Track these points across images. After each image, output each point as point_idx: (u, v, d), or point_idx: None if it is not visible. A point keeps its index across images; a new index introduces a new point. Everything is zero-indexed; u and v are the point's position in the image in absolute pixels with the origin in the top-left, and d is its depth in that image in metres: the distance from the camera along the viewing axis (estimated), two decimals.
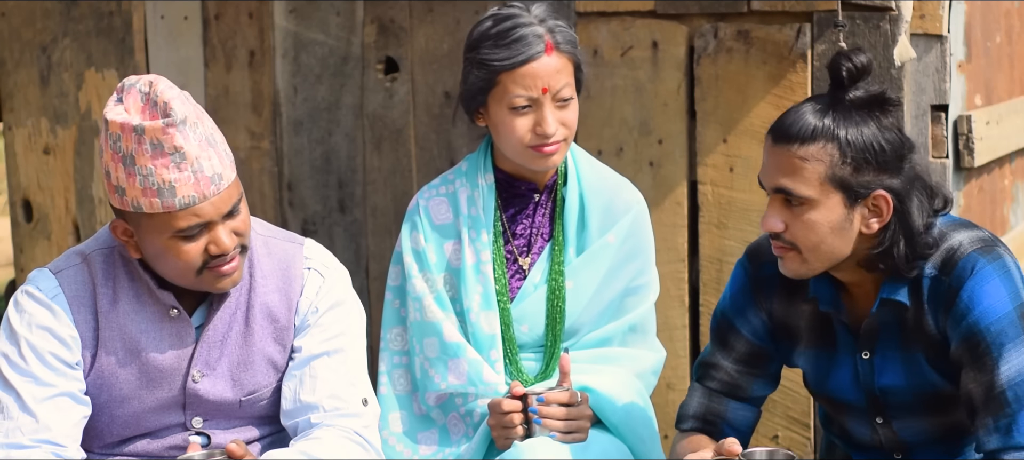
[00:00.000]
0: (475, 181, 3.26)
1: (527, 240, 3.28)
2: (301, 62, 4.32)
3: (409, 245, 3.26)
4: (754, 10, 3.71)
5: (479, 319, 3.21)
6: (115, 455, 2.89)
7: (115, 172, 2.69)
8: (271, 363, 2.90)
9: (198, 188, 2.69)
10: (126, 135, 2.66)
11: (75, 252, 2.86)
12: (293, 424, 2.88)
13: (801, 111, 2.69)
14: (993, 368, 2.66)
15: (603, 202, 3.26)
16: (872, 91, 2.70)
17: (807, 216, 2.69)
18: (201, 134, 2.70)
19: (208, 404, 2.87)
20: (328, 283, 2.93)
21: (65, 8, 4.64)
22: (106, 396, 2.84)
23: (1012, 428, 2.66)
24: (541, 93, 3.10)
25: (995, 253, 2.72)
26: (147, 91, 2.69)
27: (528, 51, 3.09)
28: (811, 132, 2.66)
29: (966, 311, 2.69)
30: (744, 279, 2.95)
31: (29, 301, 2.80)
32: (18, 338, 2.77)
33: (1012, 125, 4.19)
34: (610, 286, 3.26)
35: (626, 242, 3.26)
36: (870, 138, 2.67)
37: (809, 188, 2.67)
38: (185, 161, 2.67)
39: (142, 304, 2.83)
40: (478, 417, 3.20)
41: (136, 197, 2.68)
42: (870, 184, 2.68)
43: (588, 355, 3.27)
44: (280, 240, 2.95)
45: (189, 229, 2.71)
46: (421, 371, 3.25)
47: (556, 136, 3.13)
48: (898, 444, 2.91)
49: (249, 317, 2.87)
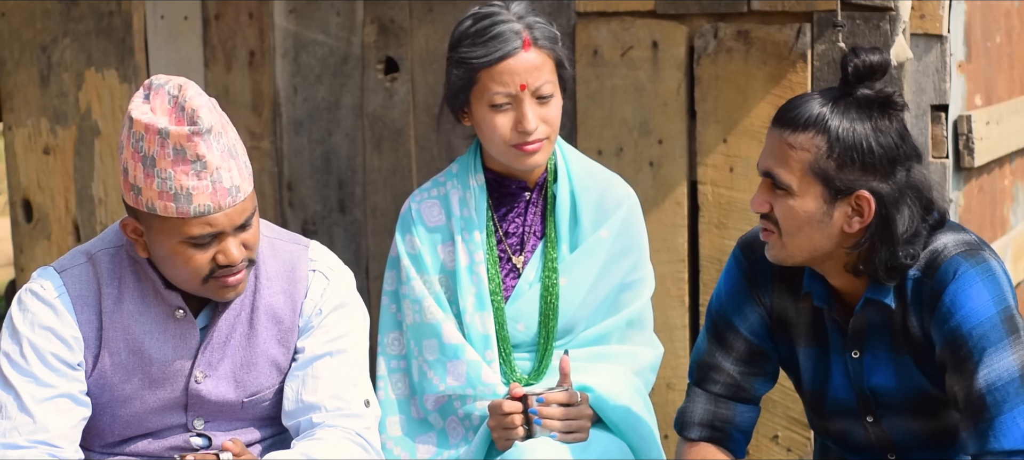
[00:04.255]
0: (466, 182, 3.27)
1: (520, 239, 3.29)
2: (301, 62, 4.32)
3: (405, 249, 3.27)
4: (754, 10, 3.71)
5: (474, 320, 3.22)
6: (116, 455, 2.88)
7: (133, 170, 2.68)
8: (274, 365, 2.89)
9: (215, 198, 2.68)
10: (150, 136, 2.65)
11: (81, 251, 2.86)
12: (295, 424, 2.88)
13: (806, 99, 2.72)
14: (974, 372, 2.66)
15: (594, 198, 3.27)
16: (880, 92, 2.69)
17: (788, 202, 2.71)
18: (224, 145, 2.69)
19: (210, 405, 2.87)
20: (333, 285, 2.92)
21: (65, 8, 4.64)
22: (108, 396, 2.84)
23: (989, 433, 2.65)
24: (519, 90, 3.11)
25: (979, 257, 2.71)
26: (176, 94, 2.68)
27: (505, 48, 3.10)
28: (804, 121, 2.68)
29: (948, 314, 2.68)
30: (739, 273, 2.94)
31: (33, 300, 2.80)
32: (20, 337, 2.77)
33: (1012, 125, 4.19)
34: (605, 281, 3.27)
35: (619, 237, 3.27)
36: (861, 137, 2.67)
37: (791, 175, 2.69)
38: (206, 170, 2.66)
39: (147, 304, 2.83)
40: (477, 420, 3.20)
41: (152, 198, 2.68)
42: (854, 182, 2.68)
43: (586, 353, 3.27)
44: (285, 242, 2.94)
45: (200, 237, 2.70)
46: (419, 373, 3.25)
47: (537, 133, 3.14)
48: (890, 444, 2.91)
49: (253, 318, 2.87)
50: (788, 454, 3.82)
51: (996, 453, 2.64)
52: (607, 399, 3.16)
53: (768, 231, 2.77)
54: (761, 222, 2.79)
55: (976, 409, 2.66)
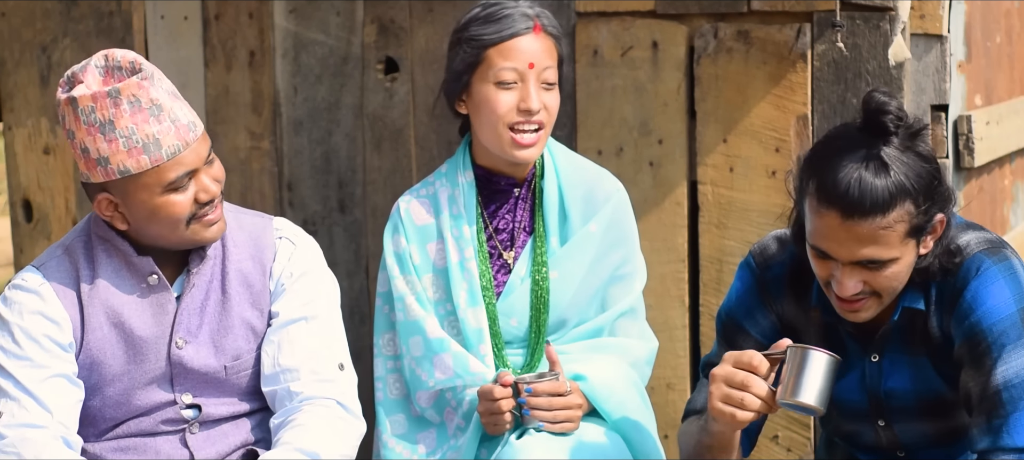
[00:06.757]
0: (455, 180, 3.30)
1: (510, 234, 3.30)
2: (301, 62, 4.32)
3: (391, 248, 3.30)
4: (754, 10, 3.71)
5: (467, 316, 3.23)
6: (110, 438, 2.91)
7: (94, 145, 2.74)
8: (250, 327, 2.95)
9: (180, 136, 2.77)
10: (100, 102, 2.72)
11: (57, 246, 2.94)
12: (273, 391, 2.93)
13: (862, 178, 2.59)
14: (991, 368, 2.66)
15: (582, 192, 3.29)
16: (910, 128, 2.64)
17: (889, 271, 2.65)
18: (167, 88, 2.79)
19: (194, 375, 2.92)
20: (299, 250, 3.00)
21: (65, 8, 4.64)
22: (96, 376, 2.89)
23: (1003, 430, 2.65)
24: (528, 68, 3.17)
25: (1002, 254, 2.71)
26: (102, 63, 2.77)
27: (516, 26, 3.19)
28: (888, 199, 2.58)
29: (969, 310, 2.68)
30: (751, 281, 2.93)
31: (17, 292, 2.87)
32: (11, 326, 2.83)
33: (1012, 125, 4.19)
34: (595, 274, 3.28)
35: (609, 230, 3.29)
36: (925, 175, 2.62)
37: (893, 250, 2.63)
38: (162, 112, 2.75)
39: (121, 278, 2.89)
40: (468, 406, 3.21)
41: (122, 161, 2.74)
42: (934, 214, 2.66)
43: (580, 345, 3.28)
44: (250, 216, 3.04)
45: (177, 180, 2.78)
46: (410, 372, 3.27)
47: (538, 116, 3.18)
48: (900, 445, 2.91)
49: (225, 284, 2.93)
50: (788, 454, 3.82)
51: (1009, 450, 2.64)
52: (600, 388, 3.17)
53: (860, 300, 2.69)
54: (846, 301, 2.71)
55: (991, 406, 2.65)
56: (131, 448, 2.91)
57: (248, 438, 2.96)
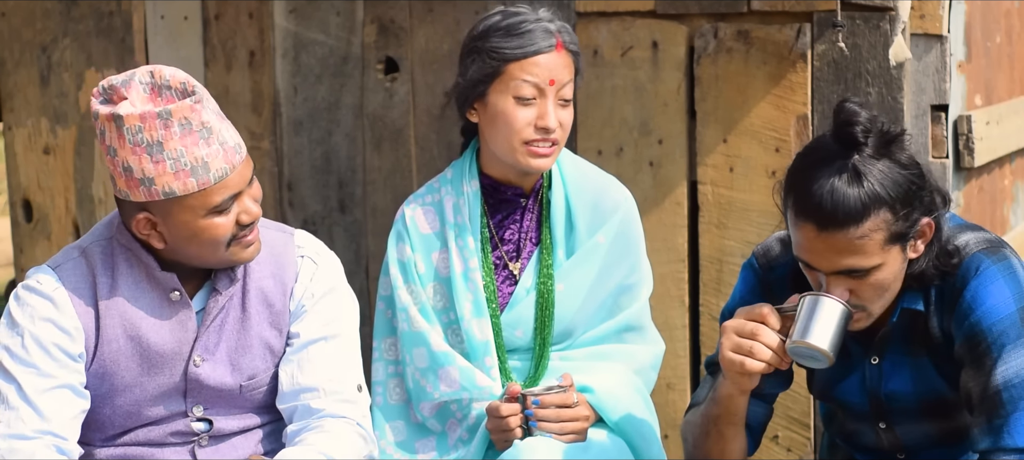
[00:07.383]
0: (460, 189, 3.26)
1: (516, 245, 3.28)
2: (301, 62, 4.32)
3: (395, 256, 3.27)
4: (754, 10, 3.71)
5: (472, 327, 3.21)
6: (117, 445, 2.89)
7: (139, 165, 2.67)
8: (268, 348, 2.90)
9: (227, 159, 2.71)
10: (149, 122, 2.66)
11: (73, 247, 2.87)
12: (290, 408, 2.89)
13: (834, 189, 2.59)
14: (991, 368, 2.65)
15: (590, 202, 3.26)
16: (884, 135, 2.63)
17: (874, 279, 2.64)
18: (214, 109, 2.73)
19: (209, 390, 2.88)
20: (322, 270, 2.94)
21: (65, 8, 4.64)
22: (108, 386, 2.84)
23: (1004, 430, 2.64)
24: (548, 84, 3.12)
25: (1001, 254, 2.71)
26: (148, 80, 2.70)
27: (538, 43, 3.13)
28: (861, 209, 2.58)
29: (969, 310, 2.68)
30: (755, 281, 2.92)
31: (30, 295, 2.80)
32: (21, 330, 2.77)
33: (1012, 125, 4.19)
34: (603, 286, 3.26)
35: (616, 241, 3.26)
36: (903, 181, 2.61)
37: (874, 257, 2.62)
38: (212, 135, 2.69)
39: (141, 290, 2.83)
40: (474, 419, 3.20)
41: (167, 182, 2.68)
42: (918, 219, 2.65)
43: (585, 353, 3.27)
44: (270, 229, 2.96)
45: (223, 203, 2.73)
46: (413, 382, 3.25)
47: (554, 133, 3.14)
48: (901, 447, 2.91)
49: (245, 302, 2.88)
50: (788, 454, 3.82)
51: (1009, 450, 2.63)
52: (607, 398, 3.16)
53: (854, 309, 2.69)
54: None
55: (991, 406, 2.65)
56: (138, 457, 2.88)
57: (257, 450, 2.93)
